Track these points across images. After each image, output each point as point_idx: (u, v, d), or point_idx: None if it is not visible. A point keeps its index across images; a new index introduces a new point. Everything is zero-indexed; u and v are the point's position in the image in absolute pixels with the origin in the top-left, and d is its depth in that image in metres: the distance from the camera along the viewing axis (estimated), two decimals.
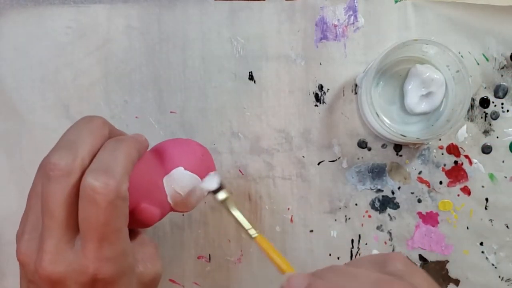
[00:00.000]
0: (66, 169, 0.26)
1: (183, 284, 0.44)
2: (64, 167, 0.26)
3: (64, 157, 0.27)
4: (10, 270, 0.43)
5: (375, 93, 0.42)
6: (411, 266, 0.26)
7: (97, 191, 0.26)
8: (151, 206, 0.31)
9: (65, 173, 0.26)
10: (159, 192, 0.33)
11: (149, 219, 0.31)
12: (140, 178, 0.31)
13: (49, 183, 0.27)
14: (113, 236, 0.27)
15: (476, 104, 0.43)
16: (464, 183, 0.43)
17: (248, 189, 0.44)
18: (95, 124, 0.29)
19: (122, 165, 0.27)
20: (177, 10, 0.43)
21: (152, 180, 0.32)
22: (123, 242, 0.28)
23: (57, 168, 0.26)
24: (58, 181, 0.26)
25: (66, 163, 0.26)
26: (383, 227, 0.43)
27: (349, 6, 0.43)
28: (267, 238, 0.33)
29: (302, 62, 0.43)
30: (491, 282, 0.43)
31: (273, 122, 0.43)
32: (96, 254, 0.26)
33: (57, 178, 0.26)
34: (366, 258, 0.27)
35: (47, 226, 0.27)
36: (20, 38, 0.43)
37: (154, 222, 0.32)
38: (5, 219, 0.43)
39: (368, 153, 0.43)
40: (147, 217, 0.31)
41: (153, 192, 0.32)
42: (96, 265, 0.26)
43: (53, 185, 0.26)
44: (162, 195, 0.33)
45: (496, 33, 0.42)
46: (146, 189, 0.31)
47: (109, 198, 0.26)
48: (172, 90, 0.43)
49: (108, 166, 0.27)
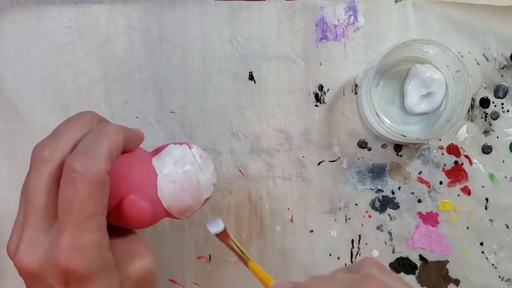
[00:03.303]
0: (47, 157, 0.27)
1: (183, 284, 0.44)
2: (46, 155, 0.27)
3: (47, 146, 0.27)
4: (10, 270, 0.43)
5: (375, 93, 0.42)
6: (384, 269, 0.26)
7: (75, 171, 0.25)
8: (139, 199, 0.30)
9: (45, 161, 0.26)
10: (151, 187, 0.31)
11: (138, 213, 0.30)
12: (130, 169, 0.30)
13: (30, 172, 0.27)
14: (88, 223, 0.26)
15: (476, 104, 0.43)
16: (464, 183, 0.43)
17: (248, 189, 0.44)
18: (83, 116, 0.30)
19: (103, 147, 0.27)
20: (177, 10, 0.43)
21: (145, 175, 0.31)
22: (99, 232, 0.26)
23: (39, 157, 0.27)
24: (39, 168, 0.27)
25: (49, 151, 0.27)
26: (383, 227, 0.43)
27: (349, 6, 0.43)
28: (266, 238, 0.33)
29: (302, 62, 0.43)
30: (491, 282, 0.43)
31: (273, 122, 0.43)
32: (69, 241, 0.25)
33: (38, 166, 0.27)
34: (343, 268, 0.29)
35: (26, 215, 0.27)
36: (20, 38, 0.43)
37: (145, 219, 0.31)
38: (5, 219, 0.43)
39: (368, 153, 0.43)
40: (136, 210, 0.30)
41: (144, 187, 0.31)
42: (67, 254, 0.25)
43: (33, 173, 0.27)
44: (154, 191, 0.31)
45: (496, 33, 0.42)
46: (137, 183, 0.30)
47: (87, 178, 0.25)
48: (172, 90, 0.43)
49: (89, 148, 0.27)
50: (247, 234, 0.44)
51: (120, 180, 0.29)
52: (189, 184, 0.33)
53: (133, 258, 0.29)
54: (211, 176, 0.34)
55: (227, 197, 0.44)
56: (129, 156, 0.31)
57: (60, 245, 0.25)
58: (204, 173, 0.33)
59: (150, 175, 0.31)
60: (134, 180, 0.30)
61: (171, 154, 0.33)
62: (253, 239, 0.44)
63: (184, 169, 0.33)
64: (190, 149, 0.34)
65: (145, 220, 0.31)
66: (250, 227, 0.44)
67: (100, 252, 0.26)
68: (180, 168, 0.32)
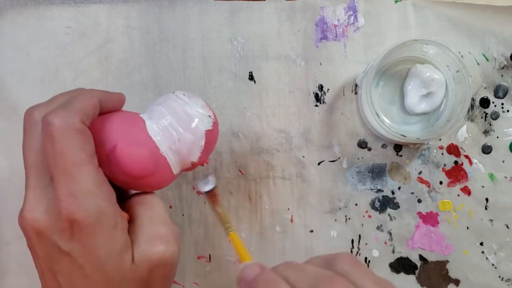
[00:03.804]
0: (38, 118, 0.28)
1: (183, 284, 0.44)
2: (36, 116, 0.28)
3: (37, 108, 0.29)
4: (10, 270, 0.43)
5: (375, 93, 0.42)
6: (357, 266, 0.26)
7: (50, 123, 0.26)
8: (130, 145, 0.30)
9: (36, 122, 0.28)
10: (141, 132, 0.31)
11: (134, 160, 0.30)
12: (116, 122, 0.30)
13: (24, 134, 0.29)
14: (75, 170, 0.26)
15: (476, 104, 0.43)
16: (464, 183, 0.43)
17: (248, 189, 0.44)
18: (77, 89, 0.31)
19: (76, 103, 0.28)
20: (177, 10, 0.43)
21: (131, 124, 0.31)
22: (90, 180, 0.27)
23: (30, 118, 0.28)
24: (30, 130, 0.28)
25: (39, 113, 0.28)
26: (383, 227, 0.43)
27: (349, 6, 0.43)
28: (266, 238, 0.33)
29: (302, 62, 0.43)
30: (491, 282, 0.43)
31: (273, 122, 0.43)
32: (63, 191, 0.26)
33: (29, 127, 0.28)
34: (320, 257, 0.28)
35: (26, 177, 0.28)
36: (20, 38, 0.43)
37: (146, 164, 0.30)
38: (5, 219, 0.43)
39: (368, 153, 0.43)
40: (130, 158, 0.30)
41: (133, 134, 0.30)
42: (65, 204, 0.26)
43: (26, 135, 0.28)
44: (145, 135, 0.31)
45: (496, 33, 0.42)
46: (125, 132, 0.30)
47: (61, 127, 0.26)
48: (172, 90, 0.43)
49: (64, 105, 0.28)
50: (247, 234, 0.44)
51: (106, 134, 0.30)
52: (178, 118, 0.32)
53: (157, 240, 0.29)
54: (202, 109, 0.33)
55: (227, 197, 0.44)
56: (112, 114, 0.31)
57: (57, 196, 0.26)
58: (191, 106, 0.32)
59: (137, 122, 0.31)
60: (120, 130, 0.30)
61: (155, 103, 0.33)
62: (253, 239, 0.44)
63: (170, 106, 0.32)
64: (173, 93, 0.34)
65: (148, 166, 0.30)
66: (250, 227, 0.44)
67: (96, 200, 0.27)
68: (165, 107, 0.32)
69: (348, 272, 0.26)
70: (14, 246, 0.43)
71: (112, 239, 0.27)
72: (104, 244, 0.27)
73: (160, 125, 0.31)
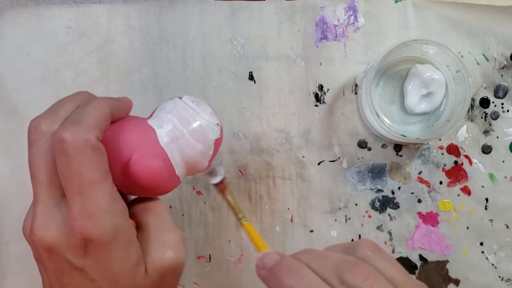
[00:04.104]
0: (45, 131, 0.27)
1: (183, 284, 0.44)
2: (44, 129, 0.27)
3: (44, 120, 0.27)
4: (10, 270, 0.43)
5: (375, 93, 0.42)
6: (379, 252, 0.26)
7: (64, 140, 0.25)
8: (143, 157, 0.29)
9: (44, 135, 0.27)
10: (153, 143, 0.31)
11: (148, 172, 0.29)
12: (127, 133, 0.30)
13: (31, 148, 0.27)
14: (91, 189, 0.26)
15: (476, 104, 0.43)
16: (464, 183, 0.43)
17: (248, 189, 0.44)
18: (79, 94, 0.30)
19: (90, 116, 0.27)
20: (177, 10, 0.43)
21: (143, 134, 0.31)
22: (106, 198, 0.26)
23: (37, 131, 0.27)
24: (38, 143, 0.27)
25: (46, 125, 0.27)
26: (383, 227, 0.43)
27: (349, 6, 0.43)
28: (266, 238, 0.33)
29: (302, 62, 0.43)
30: (491, 282, 0.43)
31: (273, 122, 0.43)
32: (79, 210, 0.25)
33: (37, 141, 0.27)
34: (340, 245, 0.28)
35: (34, 192, 0.27)
36: (20, 38, 0.43)
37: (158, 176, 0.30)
38: (5, 219, 0.43)
39: (368, 153, 0.43)
40: (144, 169, 0.29)
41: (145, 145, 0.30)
42: (81, 223, 0.25)
43: (34, 148, 0.27)
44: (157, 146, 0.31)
45: (496, 33, 0.42)
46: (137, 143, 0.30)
47: (76, 145, 0.25)
48: (172, 90, 0.43)
49: (76, 118, 0.27)
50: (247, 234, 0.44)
51: (119, 145, 0.29)
52: (189, 129, 0.32)
53: (167, 248, 0.29)
54: (210, 117, 0.33)
55: None
56: (122, 123, 0.31)
57: (72, 215, 0.26)
58: (202, 116, 0.32)
59: (148, 132, 0.31)
60: (133, 141, 0.30)
61: (163, 109, 0.33)
62: None
63: (179, 115, 0.32)
64: (181, 99, 0.33)
65: (160, 177, 0.30)
66: None
67: (112, 218, 0.26)
68: (175, 116, 0.32)
69: (371, 257, 0.25)
70: (14, 246, 0.43)
71: (127, 254, 0.27)
72: (119, 260, 0.27)
73: (171, 135, 0.31)
